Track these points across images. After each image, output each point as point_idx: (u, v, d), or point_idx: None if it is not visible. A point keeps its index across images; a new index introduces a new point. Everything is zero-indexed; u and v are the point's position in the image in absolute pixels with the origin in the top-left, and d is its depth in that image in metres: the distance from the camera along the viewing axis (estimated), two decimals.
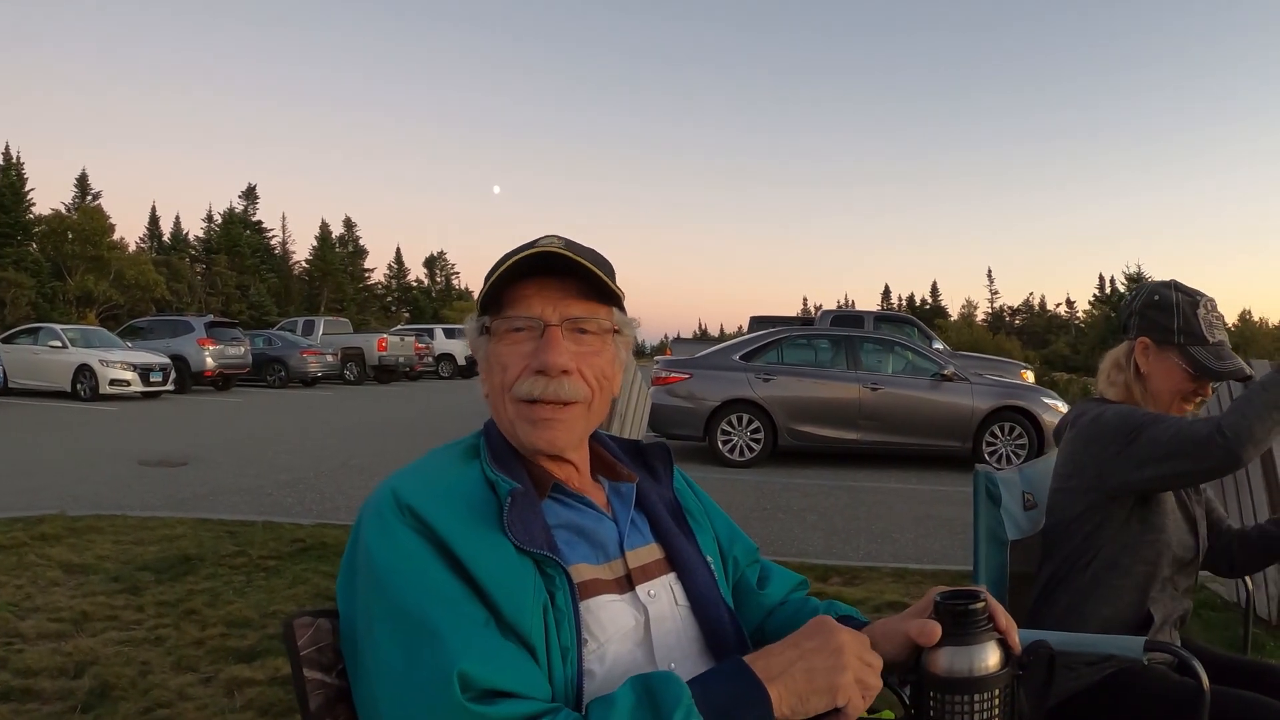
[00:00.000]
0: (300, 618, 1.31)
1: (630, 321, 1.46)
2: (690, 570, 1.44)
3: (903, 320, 21.71)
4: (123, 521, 7.46)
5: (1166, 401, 2.58)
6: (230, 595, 5.43)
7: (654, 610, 1.35)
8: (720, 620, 1.42)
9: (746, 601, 1.61)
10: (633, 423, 6.29)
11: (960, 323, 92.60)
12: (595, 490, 1.46)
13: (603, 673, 1.26)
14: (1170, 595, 2.49)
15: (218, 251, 72.81)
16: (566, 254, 1.32)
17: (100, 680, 4.01)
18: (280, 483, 10.02)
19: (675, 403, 12.69)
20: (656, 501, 1.52)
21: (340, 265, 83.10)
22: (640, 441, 1.66)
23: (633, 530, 1.44)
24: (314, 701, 1.27)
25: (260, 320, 58.41)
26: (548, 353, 1.32)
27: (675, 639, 1.36)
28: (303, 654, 1.28)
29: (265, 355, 28.42)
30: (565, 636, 1.23)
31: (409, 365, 33.56)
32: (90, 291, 51.34)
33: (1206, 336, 2.49)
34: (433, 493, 1.27)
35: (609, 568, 1.36)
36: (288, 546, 6.70)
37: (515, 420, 1.36)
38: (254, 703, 3.85)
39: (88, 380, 20.87)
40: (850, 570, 6.58)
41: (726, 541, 1.63)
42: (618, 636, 1.30)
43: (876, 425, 12.48)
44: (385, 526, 1.23)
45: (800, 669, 1.13)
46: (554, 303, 1.35)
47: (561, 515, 1.36)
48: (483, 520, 1.26)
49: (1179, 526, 2.49)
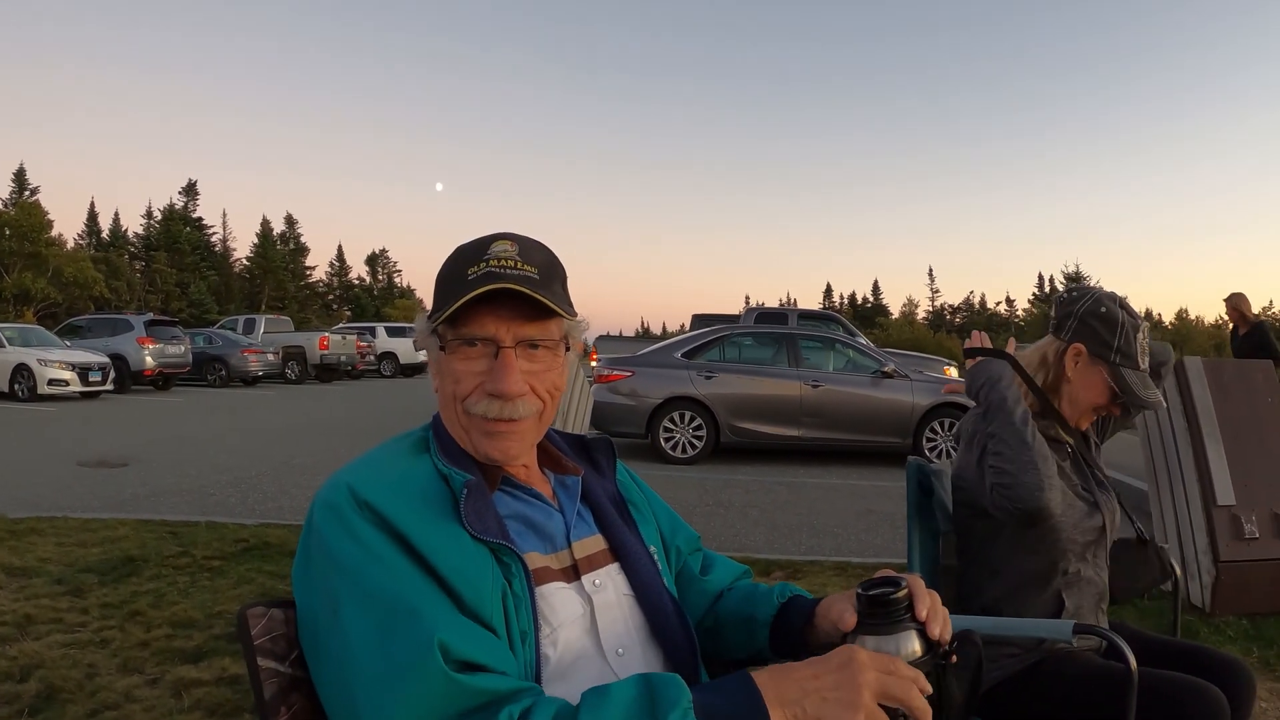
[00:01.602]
0: (253, 608, 1.33)
1: (578, 324, 1.49)
2: (633, 560, 1.50)
3: (826, 317, 21.77)
4: (64, 523, 7.39)
5: (1080, 410, 2.66)
6: (175, 596, 5.42)
7: (599, 600, 1.42)
8: (664, 608, 1.48)
9: (690, 589, 1.68)
10: (575, 418, 6.37)
11: (901, 321, 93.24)
12: (542, 483, 1.52)
13: (556, 656, 1.32)
14: (1082, 578, 2.56)
15: (157, 249, 71.86)
16: (523, 289, 1.35)
17: (46, 683, 4.02)
18: (223, 483, 9.96)
19: (618, 400, 12.74)
20: (600, 494, 1.58)
21: (281, 263, 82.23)
22: (585, 436, 1.72)
23: (578, 521, 1.50)
24: (268, 690, 1.30)
25: (201, 319, 57.75)
26: (502, 381, 1.36)
27: (623, 626, 1.43)
28: (256, 644, 1.31)
29: (206, 354, 28.10)
30: (524, 620, 1.29)
31: (351, 364, 33.36)
32: (28, 289, 50.45)
33: (1139, 362, 2.57)
34: (388, 486, 1.31)
35: (556, 558, 1.43)
36: (231, 546, 6.68)
37: (469, 429, 1.42)
38: (201, 703, 3.88)
39: (25, 380, 20.55)
40: (792, 564, 6.68)
41: (669, 532, 1.70)
42: (568, 622, 1.36)
43: (818, 422, 12.60)
44: (343, 520, 1.27)
45: (813, 701, 1.12)
46: (507, 323, 1.38)
47: (511, 506, 1.43)
48: (438, 512, 1.31)
49: (1075, 514, 2.54)
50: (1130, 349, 2.55)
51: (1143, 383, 2.56)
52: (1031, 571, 2.54)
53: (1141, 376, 2.57)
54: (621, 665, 1.38)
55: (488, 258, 1.39)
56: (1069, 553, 2.53)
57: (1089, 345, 2.59)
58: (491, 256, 1.39)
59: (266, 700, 1.31)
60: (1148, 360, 2.60)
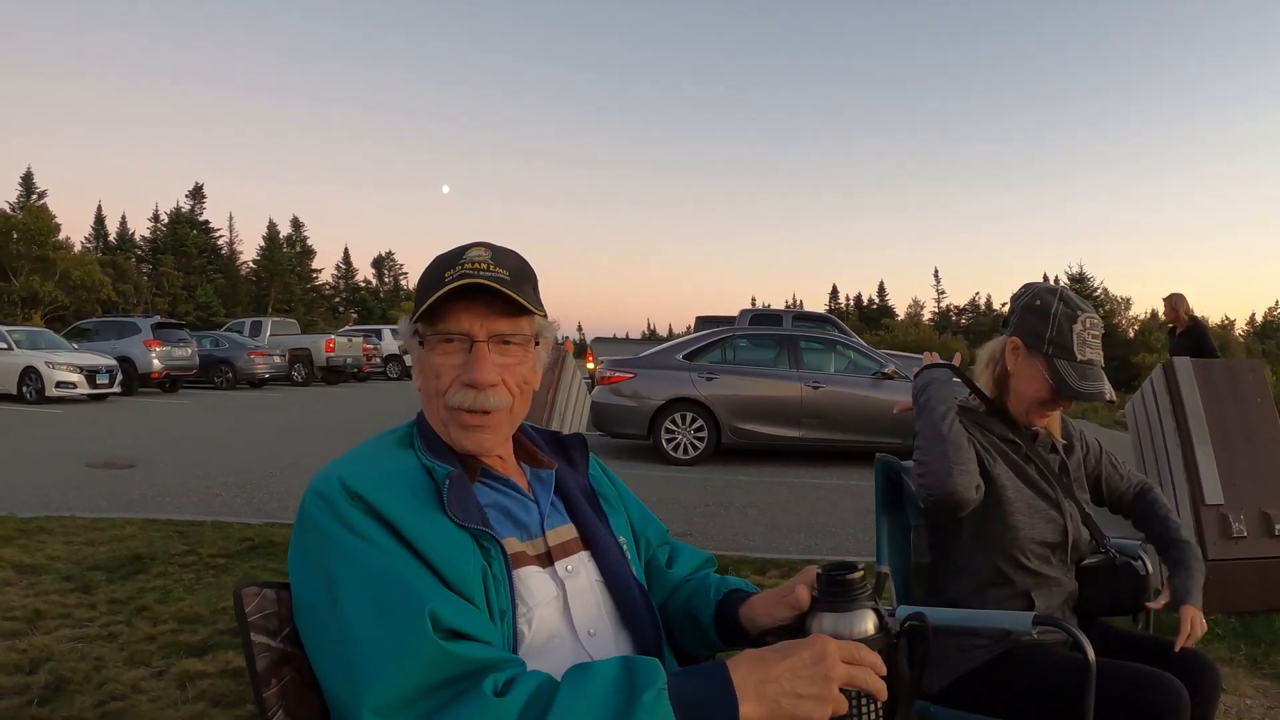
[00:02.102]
0: (248, 588, 1.46)
1: (550, 325, 1.62)
2: (602, 549, 1.62)
3: (820, 319, 21.90)
4: (72, 522, 7.51)
5: (1025, 405, 2.69)
6: (181, 593, 5.53)
7: (571, 585, 1.53)
8: (630, 594, 1.59)
9: (656, 579, 1.80)
10: (572, 419, 6.45)
11: (907, 322, 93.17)
12: (519, 475, 1.64)
13: (531, 634, 1.44)
14: (1049, 580, 2.62)
15: (164, 252, 71.86)
16: (493, 285, 1.48)
17: (56, 675, 4.13)
18: (228, 483, 10.06)
19: (620, 402, 12.84)
20: (573, 487, 1.70)
21: (288, 265, 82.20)
22: (560, 433, 1.85)
23: (552, 511, 1.62)
24: (261, 663, 1.42)
25: (207, 321, 57.86)
26: (476, 371, 1.49)
27: (595, 610, 1.54)
28: (250, 620, 1.43)
29: (212, 356, 28.22)
30: (503, 599, 1.40)
31: (357, 366, 33.53)
32: (35, 292, 50.54)
33: (1076, 353, 2.55)
34: (376, 479, 1.42)
35: (532, 544, 1.54)
36: (237, 545, 6.80)
37: (448, 423, 1.54)
38: (206, 694, 3.99)
39: (33, 382, 20.64)
40: (789, 563, 6.75)
41: (639, 524, 1.82)
42: (544, 603, 1.48)
43: (818, 423, 12.66)
44: (336, 509, 1.37)
45: (785, 690, 1.21)
46: (480, 319, 1.50)
47: (490, 496, 1.55)
48: (423, 502, 1.42)
49: (1030, 514, 2.60)
50: (1064, 339, 2.55)
51: (1080, 374, 2.55)
52: (993, 569, 2.60)
53: (1080, 368, 2.55)
54: (593, 646, 1.49)
55: (463, 262, 1.52)
56: (1029, 552, 2.58)
57: (1024, 338, 2.63)
58: (466, 261, 1.52)
59: (259, 672, 1.42)
60: (1090, 351, 2.57)
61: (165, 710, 3.84)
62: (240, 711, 3.81)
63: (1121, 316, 77.60)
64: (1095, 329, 2.59)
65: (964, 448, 2.51)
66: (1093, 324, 2.59)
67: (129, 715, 3.80)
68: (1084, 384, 2.54)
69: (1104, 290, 76.32)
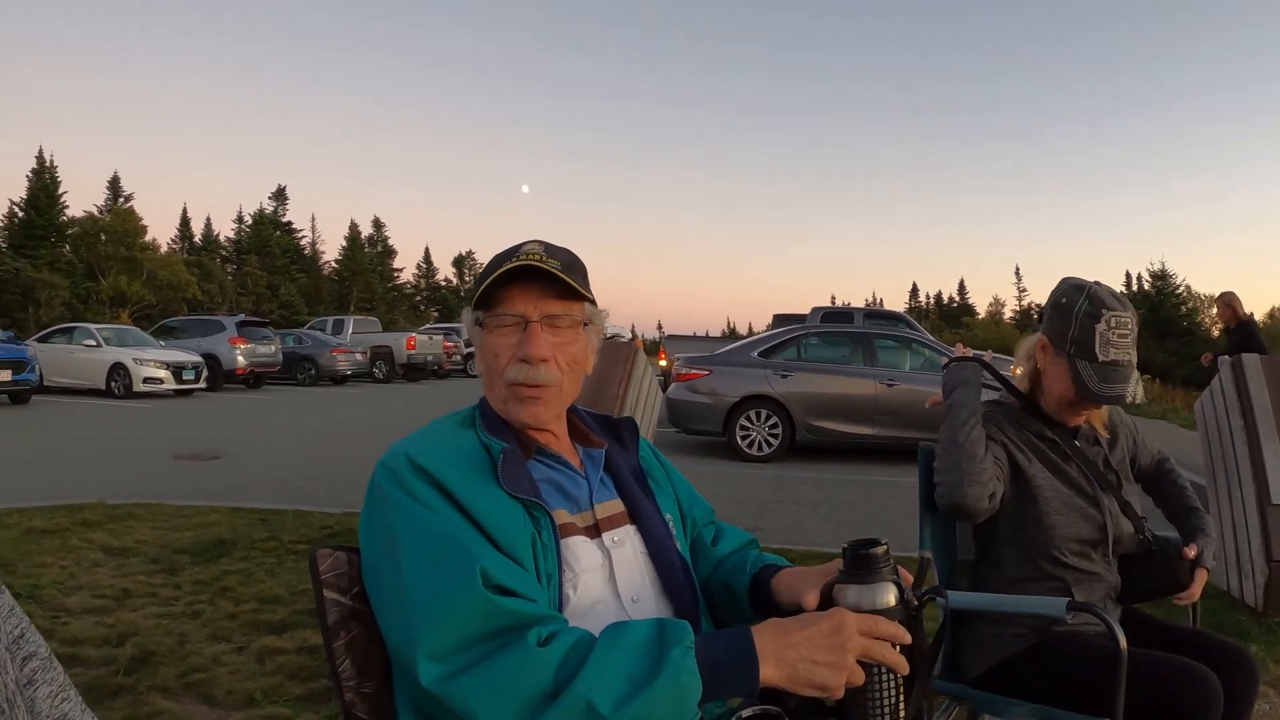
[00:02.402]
0: (322, 550, 1.62)
1: (599, 313, 1.76)
2: (647, 523, 1.72)
3: (893, 316, 21.78)
4: (159, 509, 7.77)
5: (1055, 405, 2.67)
6: (262, 576, 5.71)
7: (617, 555, 1.64)
8: (673, 566, 1.69)
9: (701, 555, 1.90)
10: (643, 415, 6.51)
11: (988, 321, 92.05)
12: (571, 453, 1.76)
13: (576, 598, 1.55)
14: (1089, 574, 2.61)
15: (248, 252, 73.14)
16: (544, 267, 1.60)
17: (141, 648, 4.31)
18: (309, 475, 10.31)
19: (695, 398, 12.92)
20: (622, 466, 1.81)
21: (369, 265, 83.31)
22: (611, 416, 1.97)
23: (601, 487, 1.74)
24: (331, 617, 1.57)
25: (290, 319, 58.64)
26: (529, 346, 1.61)
27: (638, 579, 1.65)
28: (323, 578, 1.59)
29: (295, 354, 28.76)
30: (549, 564, 1.51)
31: (437, 363, 33.90)
32: (123, 292, 51.71)
33: (1098, 354, 2.48)
34: (438, 454, 1.55)
35: (581, 517, 1.66)
36: (317, 533, 7.02)
37: (506, 399, 1.67)
38: (283, 668, 4.14)
39: (122, 378, 21.21)
40: None
41: (687, 503, 1.93)
42: (589, 569, 1.59)
43: (892, 421, 12.58)
44: (401, 479, 1.50)
45: (803, 656, 1.32)
46: (534, 302, 1.63)
47: (543, 472, 1.67)
48: (480, 475, 1.55)
49: (1068, 512, 2.59)
50: (1086, 340, 2.49)
51: (1100, 375, 2.49)
52: (1032, 565, 2.61)
53: (1102, 369, 2.49)
54: (635, 611, 1.59)
55: (518, 255, 1.64)
56: (1066, 549, 2.58)
57: (1051, 336, 2.61)
58: (521, 253, 1.65)
59: (330, 625, 1.57)
60: (1115, 351, 2.49)
61: (244, 682, 3.99)
62: (315, 685, 3.95)
63: (1204, 315, 75.73)
64: (1123, 328, 2.50)
65: (979, 457, 2.50)
66: (1119, 323, 2.50)
67: (210, 685, 3.96)
68: (1103, 386, 2.49)
69: (1186, 288, 74.56)
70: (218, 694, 3.89)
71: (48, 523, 6.99)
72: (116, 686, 3.91)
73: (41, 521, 7.04)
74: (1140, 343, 2.60)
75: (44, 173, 57.41)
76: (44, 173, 57.41)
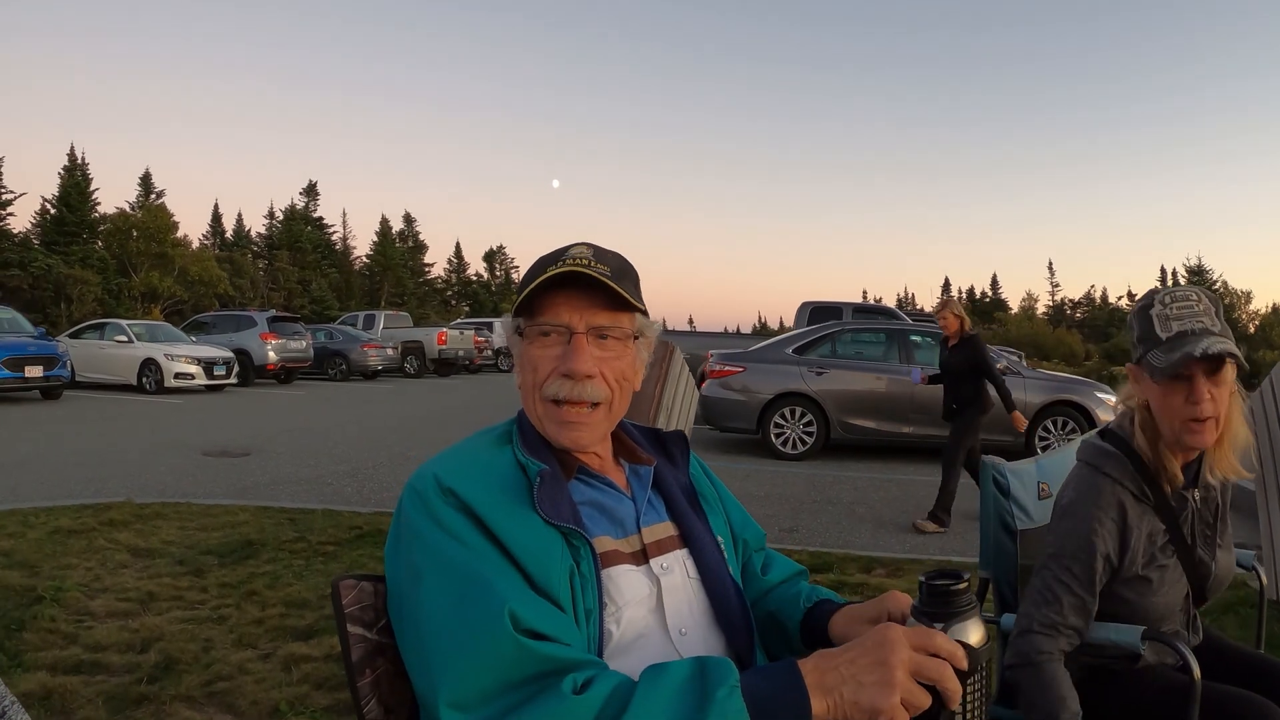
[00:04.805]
0: (345, 580, 1.46)
1: (651, 324, 1.61)
2: (700, 547, 1.58)
3: (881, 311, 21.38)
4: (187, 509, 7.71)
5: (1176, 434, 2.25)
6: (290, 578, 5.62)
7: (666, 581, 1.50)
8: (726, 594, 1.55)
9: (751, 583, 1.76)
10: (679, 415, 6.38)
11: (1020, 316, 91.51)
12: (616, 472, 1.62)
13: (619, 633, 1.41)
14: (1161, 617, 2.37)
15: (279, 247, 73.38)
16: (592, 273, 1.47)
17: (165, 655, 4.21)
18: (340, 472, 10.24)
19: (729, 396, 12.81)
20: (672, 484, 1.67)
21: (400, 260, 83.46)
22: (660, 430, 1.81)
23: (649, 509, 1.59)
24: (356, 653, 1.43)
25: (321, 315, 58.99)
26: (574, 360, 1.48)
27: (686, 608, 1.51)
28: (347, 611, 1.44)
29: (326, 349, 28.85)
30: (589, 599, 1.37)
31: (469, 358, 33.92)
32: (155, 288, 51.95)
33: (1160, 335, 2.20)
34: (470, 475, 1.43)
35: (627, 542, 1.51)
36: (346, 533, 6.90)
37: (544, 419, 1.53)
38: (309, 677, 4.03)
39: (153, 374, 21.28)
40: (894, 562, 6.63)
41: (739, 525, 1.79)
42: (634, 602, 1.44)
43: (928, 419, 12.38)
44: (428, 504, 1.38)
45: (846, 677, 1.17)
46: (580, 311, 1.50)
47: (585, 494, 1.53)
48: (514, 498, 1.41)
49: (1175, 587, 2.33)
50: (1147, 330, 2.22)
51: (1171, 347, 2.15)
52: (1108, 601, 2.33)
53: (1171, 344, 2.16)
54: (684, 645, 1.46)
55: (565, 258, 1.51)
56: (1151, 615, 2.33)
57: (1133, 359, 2.32)
58: (568, 257, 1.51)
59: (354, 662, 1.43)
60: (1179, 324, 2.18)
61: (270, 691, 3.88)
62: (342, 695, 3.83)
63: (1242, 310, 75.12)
64: (1181, 301, 2.21)
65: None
66: (1175, 297, 2.22)
67: (234, 694, 3.85)
68: (1172, 354, 2.14)
69: (1224, 283, 74.06)
70: (242, 704, 3.79)
71: (74, 522, 6.93)
72: (139, 696, 3.82)
73: (68, 521, 6.98)
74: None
75: (75, 170, 57.66)
76: (75, 170, 57.66)
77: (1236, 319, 70.83)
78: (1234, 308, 72.76)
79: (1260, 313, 77.61)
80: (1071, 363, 58.70)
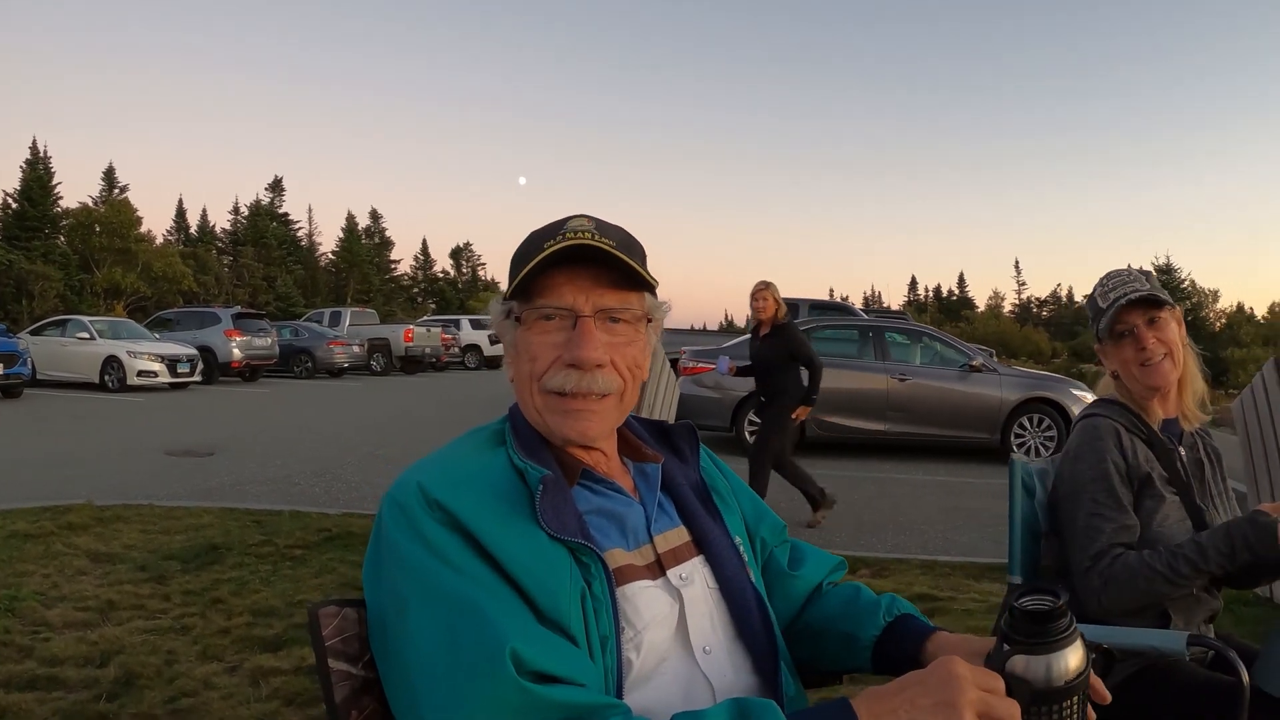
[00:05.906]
0: (326, 607, 1.27)
1: (661, 305, 1.42)
2: (717, 552, 1.40)
3: (839, 308, 21.43)
4: (149, 511, 7.50)
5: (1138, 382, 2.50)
6: (256, 584, 5.43)
7: (688, 594, 1.32)
8: (747, 604, 1.37)
9: (779, 584, 1.58)
10: (661, 409, 6.26)
11: (987, 314, 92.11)
12: (622, 474, 1.43)
13: (639, 660, 1.23)
14: (1191, 596, 2.37)
15: (244, 243, 72.91)
16: (600, 245, 1.28)
17: (126, 669, 4.02)
18: (307, 473, 10.04)
19: (702, 393, 12.69)
20: (683, 482, 1.48)
21: (366, 257, 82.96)
22: (666, 422, 1.62)
23: (660, 513, 1.41)
24: (339, 693, 1.24)
25: (287, 311, 58.51)
26: (582, 347, 1.28)
27: (709, 623, 1.33)
28: (328, 644, 1.25)
29: (292, 346, 28.64)
30: (604, 625, 1.20)
31: (435, 356, 33.83)
32: (118, 284, 51.38)
33: (1102, 306, 2.50)
34: (458, 484, 1.24)
35: (640, 553, 1.33)
36: (314, 536, 6.71)
37: (545, 411, 1.33)
38: (279, 692, 3.84)
39: (115, 371, 21.01)
40: (878, 562, 6.55)
41: (754, 521, 1.60)
42: (654, 623, 1.26)
43: (904, 416, 12.41)
44: (412, 520, 1.19)
45: None
46: (586, 291, 1.30)
47: (592, 501, 1.33)
48: (511, 509, 1.23)
49: (1179, 531, 2.38)
50: (1094, 309, 2.54)
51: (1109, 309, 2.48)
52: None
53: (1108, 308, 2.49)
54: (709, 665, 1.29)
55: (564, 232, 1.31)
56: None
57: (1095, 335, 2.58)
58: (568, 230, 1.32)
59: (337, 703, 1.25)
60: (1115, 293, 2.49)
61: (237, 708, 3.70)
62: (314, 711, 3.66)
63: (1209, 309, 75.79)
64: (1116, 277, 2.54)
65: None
66: (1111, 275, 2.55)
67: (199, 713, 3.67)
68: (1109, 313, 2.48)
69: (1191, 282, 74.66)
70: None
71: (31, 526, 6.70)
72: (97, 714, 3.62)
73: (25, 524, 6.74)
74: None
75: (38, 164, 57.09)
76: (38, 164, 57.09)
77: (1204, 317, 71.50)
78: (1201, 306, 73.43)
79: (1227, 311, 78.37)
80: (1040, 360, 59.16)
